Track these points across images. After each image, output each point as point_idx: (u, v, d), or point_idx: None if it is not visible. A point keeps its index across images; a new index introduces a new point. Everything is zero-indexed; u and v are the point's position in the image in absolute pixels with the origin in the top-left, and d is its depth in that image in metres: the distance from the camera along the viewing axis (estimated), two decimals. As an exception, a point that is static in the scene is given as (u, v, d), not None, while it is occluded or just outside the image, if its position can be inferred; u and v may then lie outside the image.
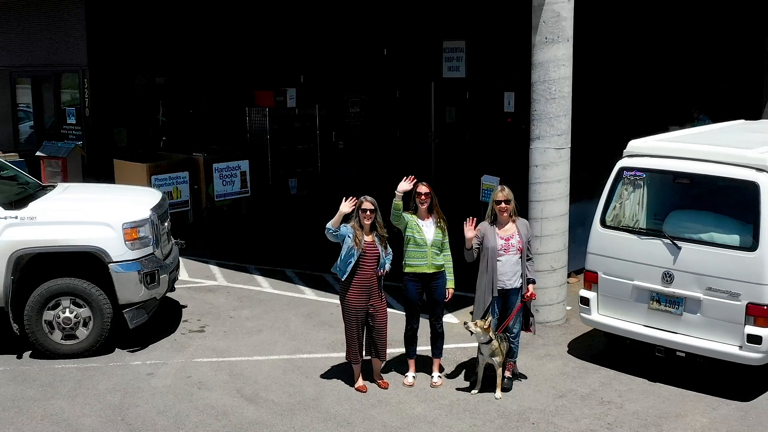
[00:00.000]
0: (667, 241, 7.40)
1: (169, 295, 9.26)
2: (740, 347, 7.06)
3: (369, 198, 7.27)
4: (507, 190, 7.39)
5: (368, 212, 7.18)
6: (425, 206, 7.41)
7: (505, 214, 7.32)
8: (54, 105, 14.55)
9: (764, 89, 12.99)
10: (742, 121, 9.60)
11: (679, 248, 7.32)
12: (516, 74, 12.70)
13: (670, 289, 7.39)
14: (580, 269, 8.80)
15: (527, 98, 9.03)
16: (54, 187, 9.26)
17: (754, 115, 12.91)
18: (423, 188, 7.42)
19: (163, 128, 14.66)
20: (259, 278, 11.05)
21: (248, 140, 15.29)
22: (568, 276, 9.38)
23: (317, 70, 16.55)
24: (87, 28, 13.56)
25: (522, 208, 8.02)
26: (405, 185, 7.26)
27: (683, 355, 7.45)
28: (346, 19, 15.86)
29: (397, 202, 7.21)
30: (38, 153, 13.77)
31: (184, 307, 9.76)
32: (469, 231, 7.25)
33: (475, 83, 15.93)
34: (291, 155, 15.65)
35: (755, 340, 6.96)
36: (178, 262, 9.43)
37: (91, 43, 13.63)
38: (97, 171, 13.51)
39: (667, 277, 7.39)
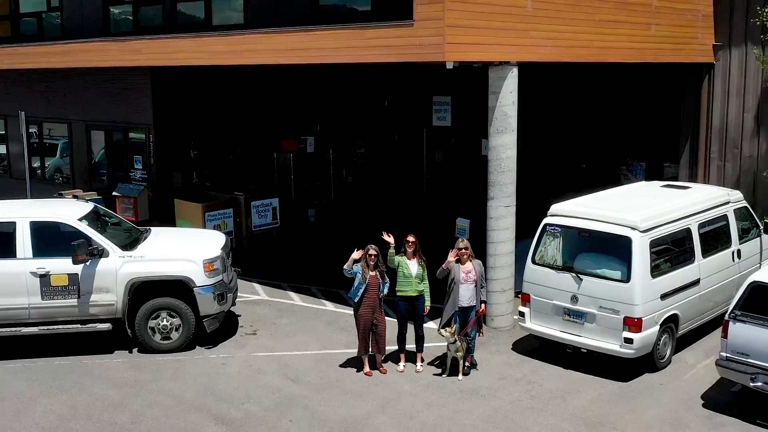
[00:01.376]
0: (574, 274, 10.74)
1: (231, 308, 12.62)
2: (620, 346, 10.38)
3: (373, 246, 10.59)
4: (465, 241, 10.73)
5: (373, 256, 10.51)
6: (411, 250, 10.74)
7: (465, 257, 10.63)
8: (125, 153, 17.90)
9: (680, 143, 16.31)
10: (643, 183, 12.94)
11: (582, 279, 10.65)
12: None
13: (576, 307, 10.71)
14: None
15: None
16: (149, 231, 12.61)
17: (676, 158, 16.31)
18: (410, 238, 10.75)
19: (209, 172, 17.95)
20: (291, 293, 14.41)
21: (276, 179, 18.63)
22: (516, 295, 12.70)
23: (331, 120, 19.84)
24: (152, 96, 16.93)
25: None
26: (389, 240, 10.58)
27: (585, 351, 10.79)
28: (353, 78, 19.13)
29: (391, 251, 10.56)
30: (114, 193, 17.12)
31: (239, 316, 13.10)
32: (451, 255, 10.53)
33: (458, 131, 19.29)
34: (310, 190, 19.00)
35: (629, 341, 10.29)
36: (237, 284, 12.79)
37: (156, 107, 16.97)
38: (161, 208, 16.83)
39: (574, 299, 10.71)
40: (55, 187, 19.33)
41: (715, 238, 11.72)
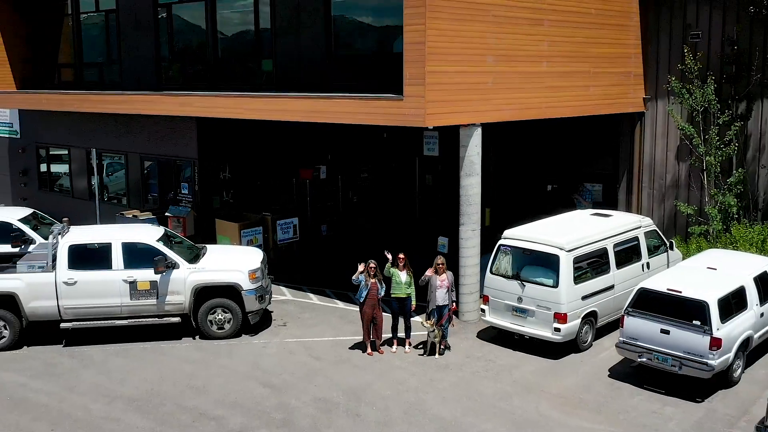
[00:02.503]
0: (520, 282, 14.49)
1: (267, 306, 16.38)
2: (551, 333, 14.12)
3: (373, 261, 14.33)
4: (442, 258, 14.47)
5: (372, 268, 14.26)
6: (401, 264, 14.47)
7: (441, 270, 14.37)
8: (173, 181, 21.67)
9: (619, 173, 20.04)
10: (577, 211, 16.72)
11: (525, 285, 14.40)
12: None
13: (521, 306, 14.43)
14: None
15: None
16: (206, 248, 16.37)
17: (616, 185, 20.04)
18: (401, 255, 14.48)
19: (241, 195, 21.67)
20: (311, 295, 18.18)
21: (295, 201, 22.39)
22: (480, 296, 16.41)
23: (339, 151, 23.47)
24: (198, 137, 20.72)
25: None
26: (388, 256, 14.35)
27: (528, 337, 14.54)
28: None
29: (388, 265, 14.31)
30: (167, 213, 20.87)
31: (272, 312, 16.86)
32: (429, 271, 14.28)
33: (445, 160, 22.95)
34: (323, 209, 22.75)
35: (558, 330, 14.02)
36: (271, 287, 16.54)
37: (200, 145, 20.70)
38: (204, 226, 20.58)
39: (519, 300, 14.44)
40: (114, 207, 23.10)
41: (628, 253, 15.46)
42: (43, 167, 26.43)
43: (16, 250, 16.21)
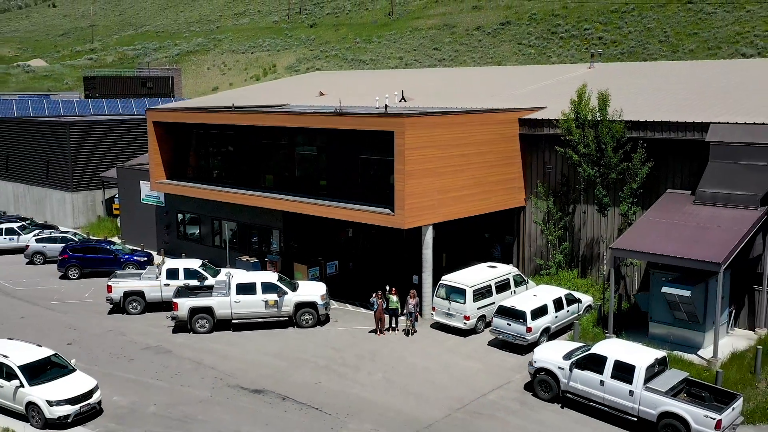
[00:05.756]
0: (448, 300, 29.09)
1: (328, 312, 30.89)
2: (463, 325, 28.66)
3: (379, 292, 28.93)
4: (414, 291, 29.09)
5: (380, 294, 28.87)
6: (394, 292, 29.11)
7: (412, 294, 28.89)
8: (267, 239, 36.17)
9: (515, 238, 34.59)
10: (482, 264, 31.35)
11: (451, 303, 28.97)
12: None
13: (449, 312, 28.91)
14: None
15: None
16: (298, 284, 30.93)
17: (513, 245, 34.49)
18: (393, 289, 29.15)
19: (304, 246, 36.19)
20: (348, 305, 32.80)
21: (335, 250, 36.87)
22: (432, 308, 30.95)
23: (358, 225, 38.02)
24: (283, 216, 35.37)
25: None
26: (392, 292, 29.05)
27: (453, 327, 29.12)
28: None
29: (389, 296, 28.94)
30: (266, 259, 35.35)
31: (329, 314, 31.46)
32: (411, 300, 28.93)
33: (416, 238, 37.58)
34: (350, 254, 37.25)
35: (465, 323, 28.65)
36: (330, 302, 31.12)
37: (284, 220, 35.34)
38: (286, 267, 35.14)
39: (449, 309, 28.94)
40: (232, 252, 37.66)
41: (503, 287, 29.96)
42: (180, 225, 41.14)
43: (199, 283, 30.80)
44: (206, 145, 39.16)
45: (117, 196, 47.22)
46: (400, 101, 40.65)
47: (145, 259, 38.25)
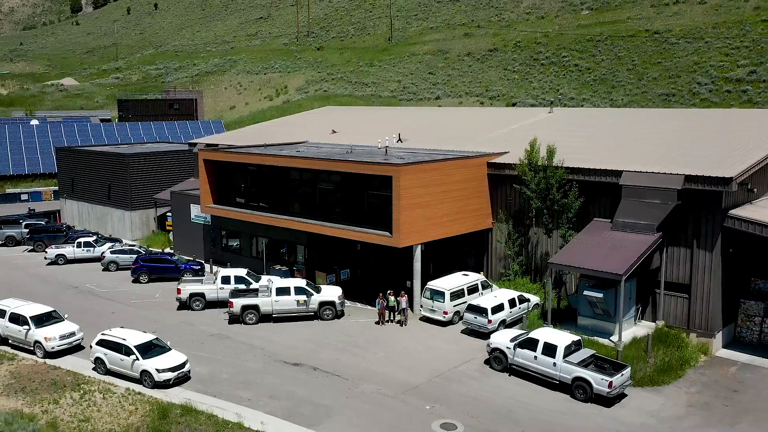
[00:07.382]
0: (432, 300, 38.06)
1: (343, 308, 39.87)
2: (443, 317, 37.66)
3: (383, 294, 37.97)
4: (405, 294, 38.13)
5: (382, 296, 37.90)
6: (393, 294, 38.16)
7: (402, 297, 37.93)
8: (294, 251, 45.11)
9: (485, 253, 43.62)
10: (459, 273, 40.32)
11: (434, 302, 37.98)
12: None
13: (432, 308, 37.90)
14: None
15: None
16: (321, 287, 39.93)
17: (483, 258, 43.46)
18: (392, 291, 38.21)
19: (324, 258, 45.17)
20: (357, 304, 41.81)
21: (349, 261, 45.82)
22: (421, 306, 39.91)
23: (365, 242, 47.02)
24: (307, 234, 44.44)
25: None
26: (392, 296, 38.12)
27: (436, 319, 38.14)
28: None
29: (391, 298, 38.00)
30: (294, 268, 44.31)
31: (343, 311, 40.47)
32: (402, 300, 37.97)
33: (407, 253, 46.68)
34: (359, 263, 46.22)
35: (444, 316, 37.64)
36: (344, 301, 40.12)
37: (308, 238, 44.34)
38: (309, 275, 44.09)
39: (432, 305, 37.95)
40: (267, 262, 46.64)
41: (473, 290, 38.93)
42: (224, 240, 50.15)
43: (244, 287, 39.83)
44: (245, 177, 48.15)
45: (169, 214, 56.23)
46: (398, 142, 49.70)
47: (198, 267, 47.22)
